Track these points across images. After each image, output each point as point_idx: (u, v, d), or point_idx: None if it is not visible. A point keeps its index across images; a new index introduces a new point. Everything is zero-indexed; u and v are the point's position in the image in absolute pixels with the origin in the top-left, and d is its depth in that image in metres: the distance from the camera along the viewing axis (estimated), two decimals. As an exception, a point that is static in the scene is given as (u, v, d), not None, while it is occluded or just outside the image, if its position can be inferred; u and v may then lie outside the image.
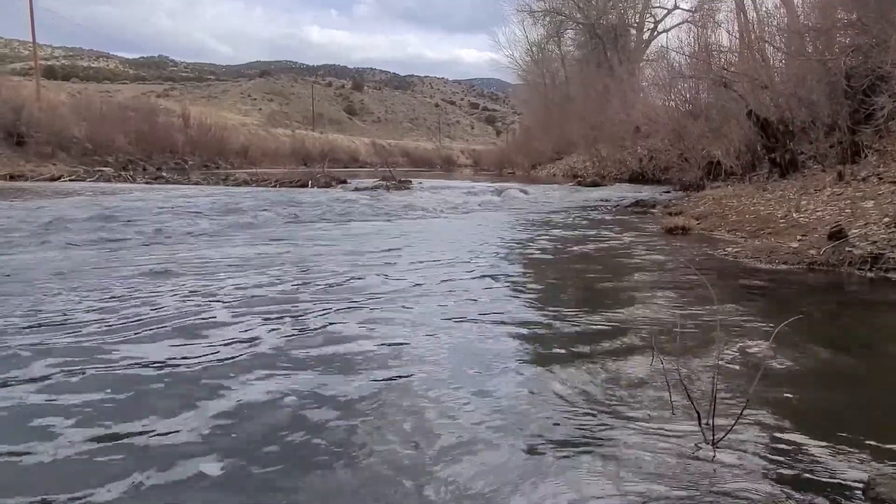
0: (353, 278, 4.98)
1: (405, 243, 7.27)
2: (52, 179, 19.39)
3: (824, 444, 2.13)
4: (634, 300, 4.37)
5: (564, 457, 2.05)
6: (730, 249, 6.57)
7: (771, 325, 3.51)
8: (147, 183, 19.52)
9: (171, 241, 7.11)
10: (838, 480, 1.89)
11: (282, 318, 3.70)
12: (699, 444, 2.11)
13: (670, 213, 10.49)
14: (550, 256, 6.57)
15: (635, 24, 37.39)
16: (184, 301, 4.08)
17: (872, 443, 2.14)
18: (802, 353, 3.20)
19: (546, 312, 4.01)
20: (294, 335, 3.36)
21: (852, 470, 1.95)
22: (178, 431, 2.18)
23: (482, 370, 2.87)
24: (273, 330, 3.44)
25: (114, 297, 4.12)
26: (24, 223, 7.85)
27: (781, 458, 2.03)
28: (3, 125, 24.12)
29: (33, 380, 2.64)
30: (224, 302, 4.07)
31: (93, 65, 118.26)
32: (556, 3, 38.52)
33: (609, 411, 2.41)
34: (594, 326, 3.62)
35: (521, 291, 4.71)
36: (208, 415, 2.32)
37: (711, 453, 2.05)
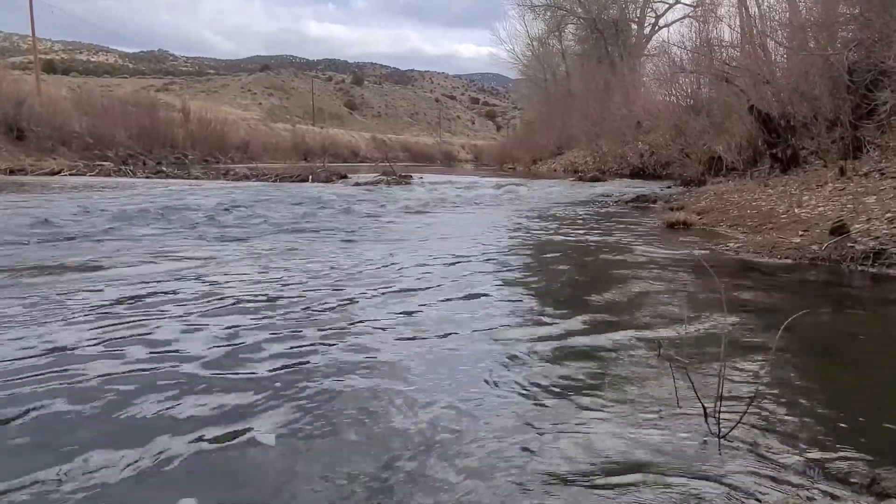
0: (355, 280, 4.98)
1: (406, 238, 7.27)
2: (53, 174, 19.38)
3: (829, 438, 2.14)
4: (638, 295, 4.38)
5: (567, 451, 2.05)
6: (731, 245, 6.57)
7: (774, 320, 3.52)
8: (147, 177, 19.52)
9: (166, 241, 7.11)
10: (843, 474, 1.90)
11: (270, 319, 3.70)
12: (705, 438, 2.12)
13: (672, 209, 10.48)
14: (553, 252, 6.57)
15: (636, 19, 37.25)
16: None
17: (878, 437, 2.15)
18: (807, 348, 3.21)
19: (549, 307, 4.02)
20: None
21: (857, 464, 1.96)
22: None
23: (485, 363, 2.87)
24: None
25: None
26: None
27: (787, 452, 2.03)
28: (3, 119, 24.09)
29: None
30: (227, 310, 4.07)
31: (92, 59, 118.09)
32: (557, -2, 38.39)
33: (614, 405, 2.42)
34: (598, 321, 3.62)
35: (523, 287, 4.71)
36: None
37: (717, 447, 2.06)
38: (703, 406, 2.20)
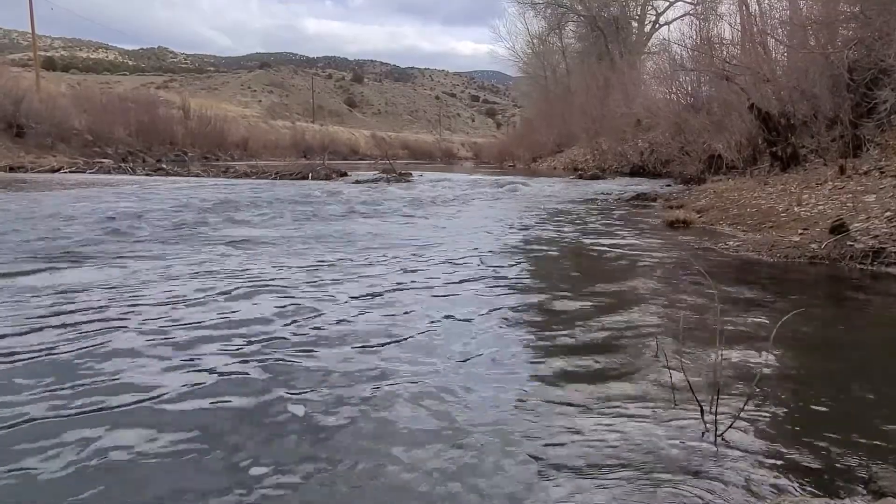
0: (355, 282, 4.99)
1: (405, 236, 7.26)
2: (52, 171, 19.39)
3: (826, 436, 2.14)
4: (636, 293, 4.38)
5: (565, 450, 2.06)
6: (731, 243, 6.57)
7: (772, 318, 3.53)
8: (147, 175, 19.51)
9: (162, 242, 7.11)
10: (840, 473, 1.90)
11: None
12: (702, 437, 2.12)
13: (671, 207, 10.47)
14: (552, 250, 6.57)
15: (637, 17, 37.26)
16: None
17: (874, 435, 2.15)
18: (804, 346, 3.21)
19: (547, 305, 4.02)
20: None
21: (854, 463, 1.96)
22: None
23: (483, 361, 2.88)
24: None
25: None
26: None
27: (784, 451, 2.04)
28: (2, 116, 24.09)
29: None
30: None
31: (92, 56, 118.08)
32: (558, -4, 38.34)
33: (611, 404, 2.42)
34: (596, 319, 3.62)
35: (522, 284, 4.71)
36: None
37: (714, 446, 2.06)
38: (699, 405, 2.20)
